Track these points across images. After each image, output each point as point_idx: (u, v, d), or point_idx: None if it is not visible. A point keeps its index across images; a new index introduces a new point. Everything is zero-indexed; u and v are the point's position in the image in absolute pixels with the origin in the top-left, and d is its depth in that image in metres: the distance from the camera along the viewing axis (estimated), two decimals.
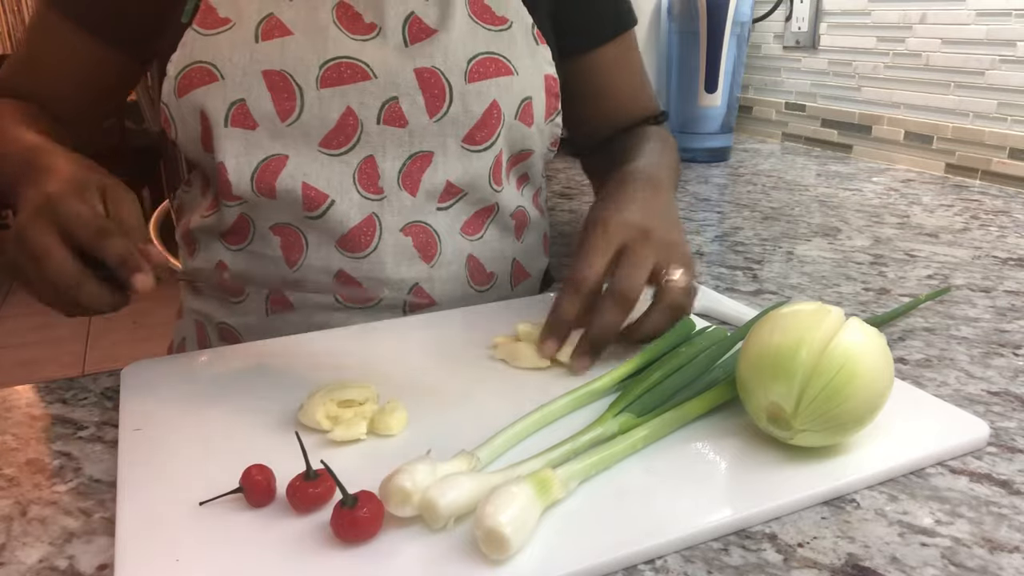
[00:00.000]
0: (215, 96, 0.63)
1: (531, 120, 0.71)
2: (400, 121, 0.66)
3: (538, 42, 0.72)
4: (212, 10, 0.64)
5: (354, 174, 0.67)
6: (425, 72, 0.66)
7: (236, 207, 0.68)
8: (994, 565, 0.39)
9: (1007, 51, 1.22)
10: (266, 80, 0.63)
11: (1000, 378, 0.59)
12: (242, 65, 0.63)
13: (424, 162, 0.68)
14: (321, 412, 0.48)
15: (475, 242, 0.73)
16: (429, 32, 0.67)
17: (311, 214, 0.66)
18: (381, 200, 0.68)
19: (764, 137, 1.71)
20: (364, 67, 0.65)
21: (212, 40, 0.64)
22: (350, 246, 0.68)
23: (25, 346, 2.91)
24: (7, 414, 0.54)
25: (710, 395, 0.51)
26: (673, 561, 0.39)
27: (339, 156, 0.66)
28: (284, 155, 0.65)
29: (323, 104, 0.64)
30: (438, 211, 0.70)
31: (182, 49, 0.64)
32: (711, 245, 0.94)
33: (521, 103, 0.70)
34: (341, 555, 0.38)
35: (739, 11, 1.38)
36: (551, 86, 0.72)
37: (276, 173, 0.65)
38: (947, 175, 1.32)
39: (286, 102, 0.64)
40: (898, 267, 0.84)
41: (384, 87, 0.65)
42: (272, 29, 0.64)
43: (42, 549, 0.41)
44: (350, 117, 0.65)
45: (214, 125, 0.64)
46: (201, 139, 0.66)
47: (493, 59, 0.68)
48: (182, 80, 0.64)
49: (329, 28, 0.65)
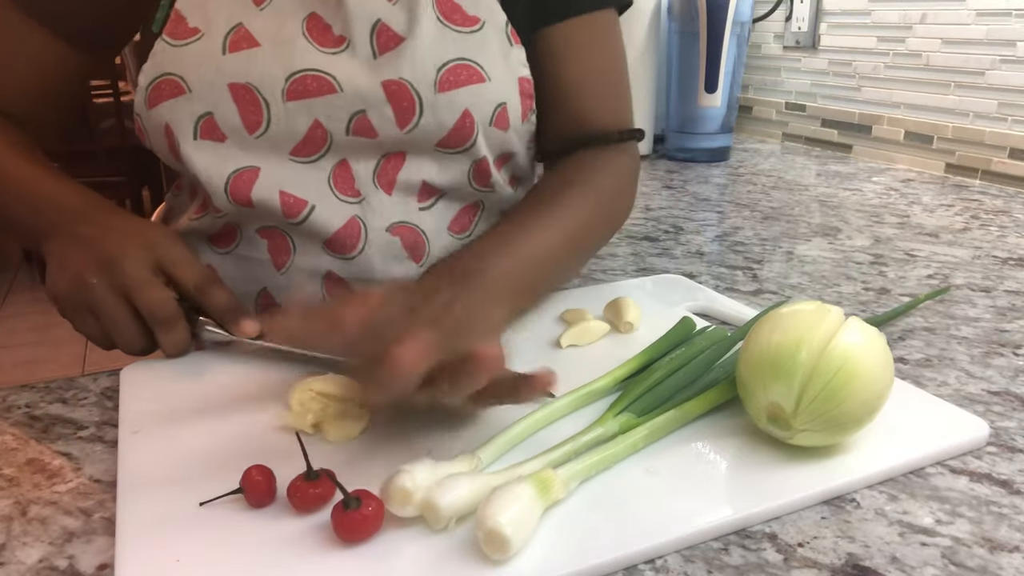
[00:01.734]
0: (182, 109, 0.62)
1: (507, 124, 0.68)
2: (370, 133, 0.65)
3: (512, 43, 0.68)
4: (182, 19, 0.63)
5: (329, 179, 0.66)
6: (392, 84, 0.63)
7: (221, 217, 0.67)
8: (994, 565, 0.39)
9: (1007, 51, 1.22)
10: (232, 93, 0.62)
11: (1000, 378, 0.59)
12: (209, 78, 0.62)
13: (398, 161, 0.67)
14: (304, 410, 0.49)
15: (464, 240, 0.72)
16: (397, 40, 0.64)
17: (293, 220, 0.65)
18: (360, 202, 0.67)
19: (764, 137, 1.71)
20: (330, 79, 0.63)
21: (180, 51, 0.62)
22: (337, 248, 0.67)
23: (25, 346, 2.91)
24: (7, 414, 0.54)
25: (710, 395, 0.51)
26: (673, 561, 0.39)
27: (311, 163, 0.65)
28: (256, 167, 0.64)
29: (290, 117, 0.63)
30: (421, 211, 0.69)
31: (152, 59, 0.63)
32: (711, 245, 0.94)
33: (495, 110, 0.67)
34: (341, 555, 0.38)
35: (739, 11, 1.38)
36: (525, 88, 0.69)
37: (250, 184, 0.64)
38: (947, 175, 1.32)
39: (253, 115, 0.63)
40: (898, 267, 0.84)
41: (351, 100, 0.63)
42: (240, 40, 0.62)
43: (42, 549, 0.41)
44: (318, 129, 0.64)
45: (181, 139, 0.63)
46: (170, 151, 0.65)
47: (464, 66, 0.65)
48: (151, 92, 0.63)
49: (297, 40, 0.63)
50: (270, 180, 0.64)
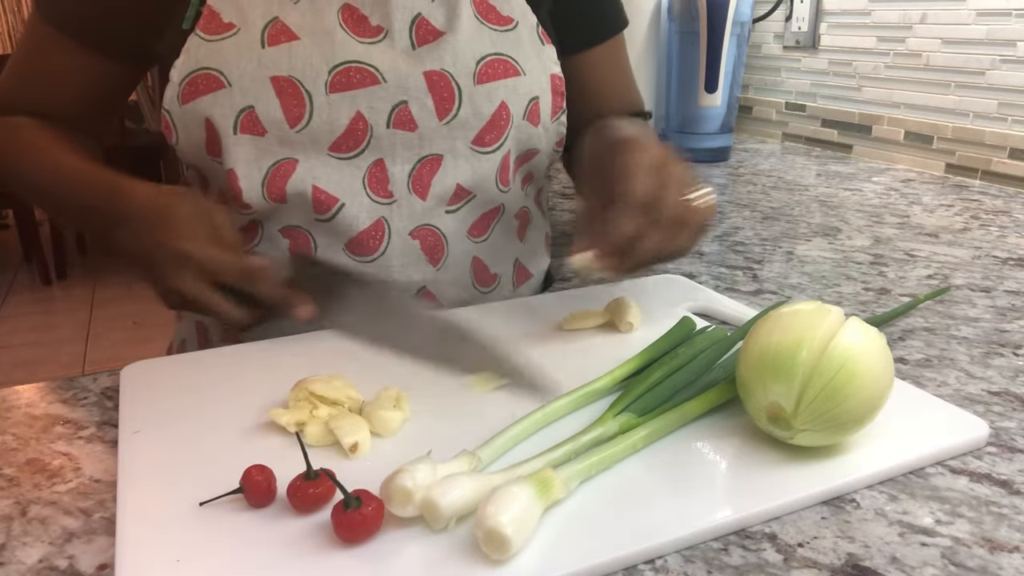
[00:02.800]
0: (222, 104, 0.63)
1: (538, 120, 0.71)
2: (410, 125, 0.66)
3: (543, 42, 0.72)
4: (215, 15, 0.64)
5: (364, 178, 0.67)
6: (434, 75, 0.66)
7: (248, 214, 0.68)
8: (994, 565, 0.39)
9: (1007, 51, 1.22)
10: (274, 86, 0.63)
11: (1000, 378, 0.59)
12: (250, 71, 0.63)
13: (434, 165, 0.68)
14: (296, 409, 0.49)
15: (480, 244, 0.73)
16: (436, 34, 0.67)
17: (321, 216, 0.66)
18: (391, 204, 0.68)
19: (764, 137, 1.71)
20: (373, 71, 0.64)
21: (217, 46, 0.63)
22: (359, 249, 0.68)
23: (25, 346, 2.91)
24: (7, 414, 0.54)
25: (710, 395, 0.51)
26: (673, 561, 0.39)
27: (349, 160, 0.66)
28: (294, 159, 0.65)
29: (332, 109, 0.64)
30: (446, 214, 0.70)
31: (186, 55, 0.63)
32: (711, 245, 0.94)
33: (529, 103, 0.70)
34: (342, 555, 0.38)
35: (739, 11, 1.38)
36: (557, 85, 0.72)
37: (286, 177, 0.65)
38: (947, 175, 1.32)
39: (295, 108, 0.63)
40: (898, 267, 0.84)
41: (394, 91, 0.65)
42: (278, 34, 0.63)
43: (42, 549, 0.41)
44: (360, 122, 0.65)
45: (222, 133, 0.64)
46: (206, 146, 0.66)
47: (501, 60, 0.68)
48: (186, 87, 0.63)
49: (336, 32, 0.64)
50: (306, 173, 0.65)
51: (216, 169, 0.67)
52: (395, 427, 0.49)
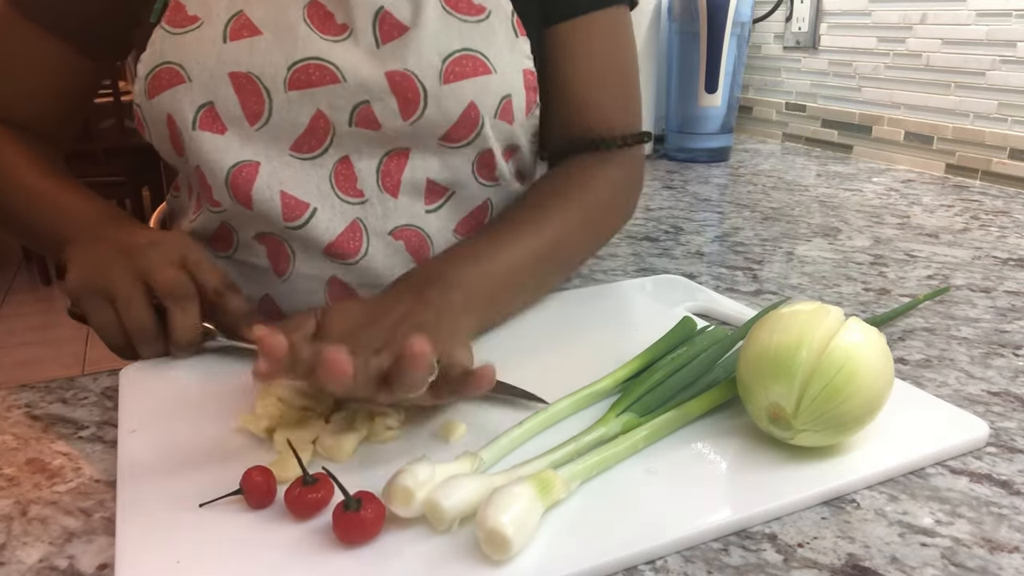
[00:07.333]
0: (182, 99, 0.61)
1: (511, 118, 0.67)
2: (373, 124, 0.63)
3: (518, 34, 0.67)
4: (181, 8, 0.62)
5: (331, 178, 0.65)
6: (397, 75, 0.62)
7: (218, 214, 0.66)
8: (994, 565, 0.39)
9: (1007, 51, 1.22)
10: (233, 82, 0.61)
11: (1000, 378, 0.59)
12: (209, 67, 0.61)
13: (401, 160, 0.66)
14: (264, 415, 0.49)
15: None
16: (401, 29, 0.63)
17: (292, 224, 0.64)
18: (363, 204, 0.66)
19: (764, 137, 1.71)
20: (333, 69, 0.62)
21: (180, 39, 0.61)
22: (338, 254, 0.66)
23: (25, 346, 2.91)
24: (7, 414, 0.54)
25: (710, 395, 0.51)
26: (673, 561, 0.39)
27: (312, 160, 0.64)
28: (255, 162, 0.63)
29: (292, 107, 0.62)
30: (427, 214, 0.68)
31: (151, 48, 0.62)
32: (711, 245, 0.94)
33: (500, 102, 0.65)
34: (342, 556, 0.38)
35: (739, 11, 1.38)
36: (530, 80, 0.67)
37: (250, 181, 0.63)
38: (947, 175, 1.32)
39: (254, 105, 0.61)
40: (898, 267, 0.84)
41: (354, 91, 0.62)
42: (241, 28, 0.61)
43: (42, 549, 0.41)
44: (320, 120, 0.63)
45: (182, 128, 0.62)
46: (171, 142, 0.64)
47: (470, 56, 0.64)
48: (151, 81, 0.62)
49: (299, 27, 0.61)
50: (271, 178, 0.63)
51: (185, 167, 0.66)
52: (350, 449, 0.47)
